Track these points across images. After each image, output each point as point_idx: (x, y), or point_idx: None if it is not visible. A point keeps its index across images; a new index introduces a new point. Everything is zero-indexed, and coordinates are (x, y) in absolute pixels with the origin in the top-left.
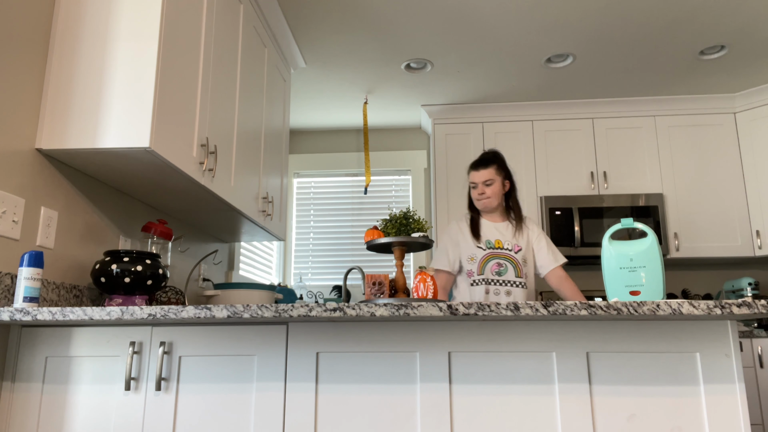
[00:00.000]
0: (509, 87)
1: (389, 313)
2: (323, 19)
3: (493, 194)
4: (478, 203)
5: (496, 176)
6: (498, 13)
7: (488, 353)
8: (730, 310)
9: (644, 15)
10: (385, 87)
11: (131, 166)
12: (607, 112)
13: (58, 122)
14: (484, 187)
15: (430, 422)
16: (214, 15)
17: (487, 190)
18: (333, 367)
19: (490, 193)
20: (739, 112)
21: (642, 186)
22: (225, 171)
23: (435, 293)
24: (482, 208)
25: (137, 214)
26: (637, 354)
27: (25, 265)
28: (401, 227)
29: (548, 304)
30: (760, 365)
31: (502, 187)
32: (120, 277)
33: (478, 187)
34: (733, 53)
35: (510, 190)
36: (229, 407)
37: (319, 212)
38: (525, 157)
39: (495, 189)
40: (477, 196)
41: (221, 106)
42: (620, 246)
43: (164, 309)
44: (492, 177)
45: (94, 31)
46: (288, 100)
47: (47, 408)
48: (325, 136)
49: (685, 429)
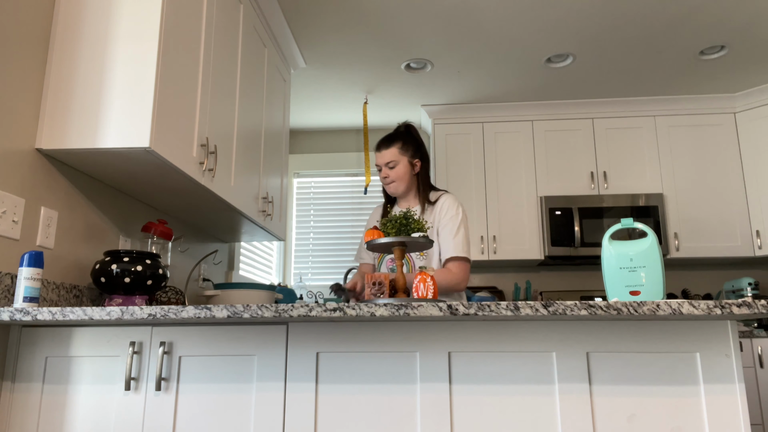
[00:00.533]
0: (509, 87)
1: (389, 313)
2: (323, 19)
3: (397, 177)
4: (386, 188)
5: (401, 156)
6: (498, 13)
7: (488, 353)
8: (730, 310)
9: (644, 15)
10: (385, 87)
11: (131, 166)
12: (607, 112)
13: (58, 122)
14: (387, 170)
15: (430, 422)
16: (214, 15)
17: (391, 173)
18: (333, 367)
19: (394, 176)
20: (739, 112)
21: (642, 186)
22: (225, 171)
23: (435, 293)
24: (390, 193)
25: (137, 214)
26: (637, 354)
27: (25, 265)
28: (401, 227)
29: (548, 304)
30: (760, 365)
31: (409, 167)
32: (120, 277)
33: (382, 170)
34: (733, 53)
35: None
36: (229, 407)
37: (319, 212)
38: (525, 157)
39: (399, 171)
40: (382, 181)
41: (221, 106)
42: (620, 246)
43: (164, 309)
44: (395, 158)
45: (94, 31)
46: (288, 100)
47: (47, 408)
48: (325, 136)
49: (685, 429)
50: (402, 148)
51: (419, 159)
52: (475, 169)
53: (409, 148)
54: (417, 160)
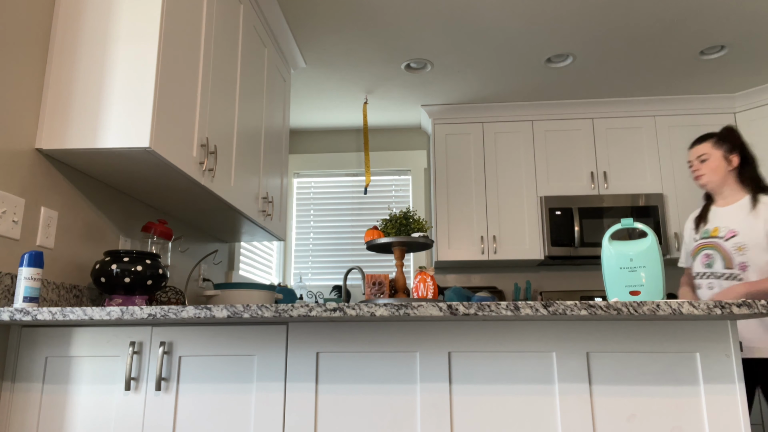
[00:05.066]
0: (509, 87)
1: (389, 313)
2: (323, 19)
3: (708, 170)
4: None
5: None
6: (498, 13)
7: (488, 353)
8: (730, 310)
9: (644, 15)
10: (385, 87)
11: (131, 166)
12: (607, 112)
13: (58, 122)
14: (699, 164)
15: (430, 422)
16: (214, 15)
17: (702, 166)
18: (333, 367)
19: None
20: (739, 112)
21: (642, 186)
22: (225, 171)
23: (435, 293)
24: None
25: (137, 214)
26: (637, 354)
27: (25, 265)
28: (401, 227)
29: (548, 304)
30: None
31: (725, 162)
32: (120, 277)
33: (693, 164)
34: (733, 53)
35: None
36: (229, 407)
37: (319, 212)
38: (525, 157)
39: (711, 165)
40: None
41: (221, 106)
42: (620, 246)
43: (164, 309)
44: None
45: (94, 32)
46: (288, 100)
47: (47, 408)
48: (325, 136)
49: (685, 429)
50: (716, 143)
51: (737, 155)
52: (475, 169)
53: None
54: (735, 156)
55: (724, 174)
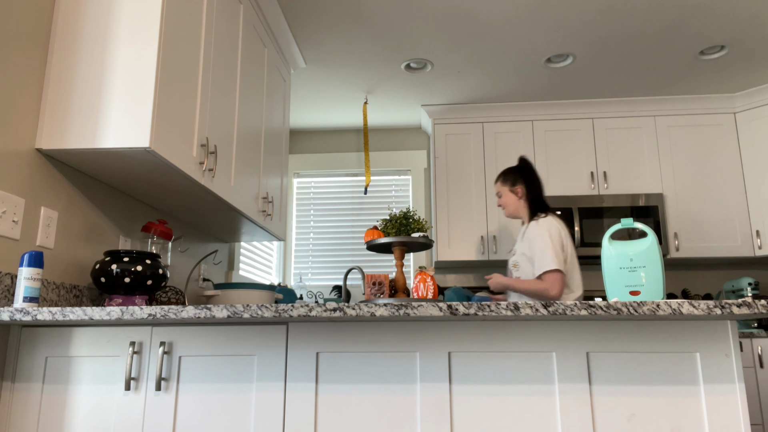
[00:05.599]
0: (509, 87)
1: (389, 313)
2: (323, 19)
3: (504, 204)
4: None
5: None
6: (498, 13)
7: (488, 353)
8: (730, 310)
9: (644, 15)
10: (385, 87)
11: (131, 166)
12: (607, 112)
13: (58, 122)
14: (498, 199)
15: (430, 422)
16: (214, 15)
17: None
18: (333, 367)
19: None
20: (739, 112)
21: (642, 186)
22: (225, 171)
23: (435, 293)
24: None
25: (137, 214)
26: (637, 354)
27: (25, 265)
28: (401, 227)
29: (548, 304)
30: (760, 365)
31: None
32: (120, 277)
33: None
34: (733, 53)
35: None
36: (229, 407)
37: (319, 212)
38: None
39: (504, 200)
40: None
41: (221, 106)
42: (620, 246)
43: (164, 309)
44: (498, 190)
45: (94, 31)
46: (288, 100)
47: (47, 408)
48: (325, 136)
49: (685, 429)
50: (502, 182)
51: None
52: (475, 169)
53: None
54: (519, 188)
55: (516, 204)
